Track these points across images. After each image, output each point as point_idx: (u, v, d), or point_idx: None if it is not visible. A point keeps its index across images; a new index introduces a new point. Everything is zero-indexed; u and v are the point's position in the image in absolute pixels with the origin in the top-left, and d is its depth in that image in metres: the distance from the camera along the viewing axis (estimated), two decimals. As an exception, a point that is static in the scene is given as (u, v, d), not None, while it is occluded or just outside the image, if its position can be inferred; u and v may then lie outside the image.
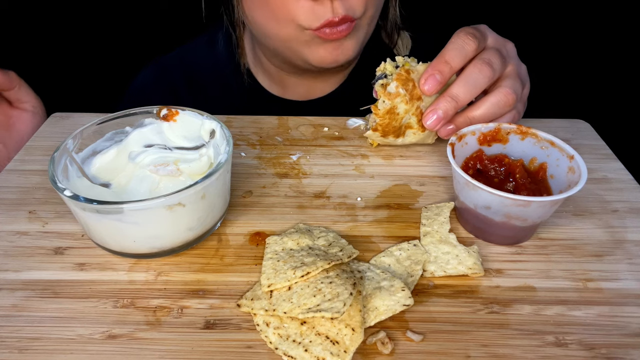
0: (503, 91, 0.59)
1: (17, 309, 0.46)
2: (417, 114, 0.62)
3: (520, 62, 0.65)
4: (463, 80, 0.59)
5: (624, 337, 0.44)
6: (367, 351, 0.43)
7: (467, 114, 0.61)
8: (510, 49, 0.64)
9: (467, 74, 0.59)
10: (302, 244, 0.50)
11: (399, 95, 0.60)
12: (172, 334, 0.44)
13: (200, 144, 0.57)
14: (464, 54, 0.59)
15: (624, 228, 0.56)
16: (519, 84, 0.61)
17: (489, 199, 0.50)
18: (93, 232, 0.50)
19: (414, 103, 0.61)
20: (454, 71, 0.59)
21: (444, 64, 0.59)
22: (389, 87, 0.60)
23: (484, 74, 0.58)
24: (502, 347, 0.43)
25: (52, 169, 0.49)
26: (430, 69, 0.59)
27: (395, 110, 0.61)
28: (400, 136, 0.64)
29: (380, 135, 0.63)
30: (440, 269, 0.50)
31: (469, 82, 0.59)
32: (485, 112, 0.60)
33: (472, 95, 0.59)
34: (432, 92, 0.59)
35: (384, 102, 0.60)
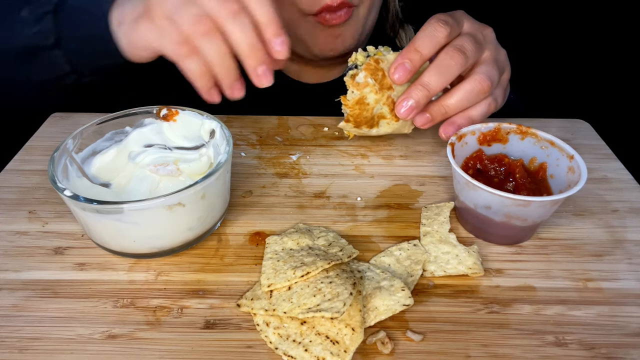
0: (477, 78, 0.58)
1: (17, 309, 0.46)
2: (389, 103, 0.61)
3: (499, 47, 0.63)
4: (434, 68, 0.58)
5: (624, 337, 0.44)
6: (367, 351, 0.43)
7: (442, 102, 0.60)
8: (488, 35, 0.62)
9: (438, 61, 0.58)
10: (302, 244, 0.50)
11: (368, 85, 0.59)
12: (172, 334, 0.44)
13: (200, 143, 0.57)
14: (435, 41, 0.57)
15: (624, 228, 0.56)
16: (496, 70, 0.60)
17: (489, 198, 0.50)
18: (93, 232, 0.50)
19: (384, 93, 0.60)
20: (424, 59, 0.58)
21: (414, 52, 0.58)
22: (357, 77, 0.59)
23: (456, 60, 0.57)
24: (502, 347, 0.43)
25: (52, 169, 0.49)
26: (400, 58, 0.58)
27: (364, 101, 0.60)
28: (374, 126, 0.63)
29: (353, 126, 0.63)
30: (440, 268, 0.50)
31: (440, 70, 0.57)
32: (459, 99, 0.59)
33: (444, 82, 0.58)
34: (402, 81, 0.58)
35: (353, 92, 0.60)
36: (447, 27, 0.57)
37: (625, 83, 1.17)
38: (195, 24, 0.50)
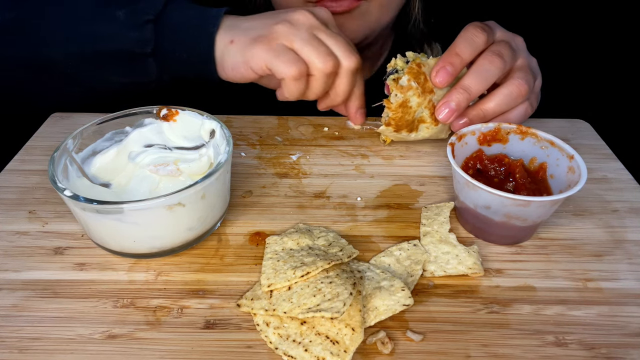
0: (515, 82, 0.60)
1: (17, 309, 0.46)
2: (430, 107, 0.62)
3: (530, 55, 0.65)
4: (474, 72, 0.59)
5: (624, 337, 0.44)
6: (367, 351, 0.43)
7: (480, 106, 0.61)
8: (520, 43, 0.64)
9: (478, 65, 0.59)
10: (302, 244, 0.50)
11: (411, 88, 0.60)
12: (172, 334, 0.44)
13: (200, 144, 0.57)
14: (474, 46, 0.59)
15: (624, 228, 0.56)
16: (531, 75, 0.61)
17: (488, 198, 0.50)
18: (93, 232, 0.50)
19: (426, 96, 0.61)
20: (464, 63, 0.60)
21: (455, 56, 0.59)
22: (401, 81, 0.60)
23: (495, 65, 0.59)
24: (502, 347, 0.43)
25: (52, 169, 0.49)
26: (441, 62, 0.60)
27: (407, 104, 0.61)
28: (413, 131, 0.64)
29: (393, 130, 0.63)
30: (440, 268, 0.50)
31: (480, 74, 0.59)
32: (498, 103, 0.60)
33: (484, 86, 0.59)
34: (444, 84, 0.60)
35: (397, 95, 0.60)
36: (485, 33, 0.60)
37: (625, 83, 1.17)
38: (326, 59, 0.59)
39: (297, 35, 0.58)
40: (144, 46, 0.62)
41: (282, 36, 0.59)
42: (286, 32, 0.59)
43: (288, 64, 0.58)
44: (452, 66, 0.59)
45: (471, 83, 0.59)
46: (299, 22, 0.60)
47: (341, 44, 0.60)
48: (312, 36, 0.59)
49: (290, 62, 0.58)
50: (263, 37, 0.59)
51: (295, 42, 0.58)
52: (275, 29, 0.59)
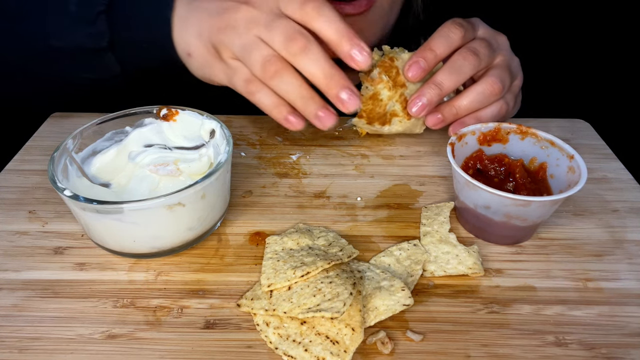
0: (489, 80, 0.59)
1: (17, 309, 0.46)
2: (402, 101, 0.62)
3: (512, 54, 0.64)
4: (448, 68, 0.59)
5: (624, 337, 0.44)
6: (367, 351, 0.43)
7: (453, 103, 0.61)
8: (502, 42, 0.64)
9: (452, 62, 0.59)
10: (302, 244, 0.50)
11: (382, 81, 0.60)
12: (172, 333, 0.44)
13: (200, 143, 0.57)
14: (449, 42, 0.59)
15: (624, 228, 0.56)
16: (508, 74, 0.61)
17: (488, 198, 0.50)
18: (93, 232, 0.50)
19: (398, 90, 0.61)
20: (438, 59, 0.59)
21: (429, 51, 0.59)
22: (372, 73, 0.60)
23: (469, 61, 0.58)
24: (502, 347, 0.43)
25: (52, 168, 0.49)
26: (415, 56, 0.59)
27: (378, 97, 0.61)
28: (386, 124, 0.64)
29: (365, 122, 0.63)
30: (440, 268, 0.50)
31: (453, 70, 0.58)
32: (471, 100, 0.60)
33: (457, 83, 0.59)
34: (416, 79, 0.59)
35: (367, 87, 0.61)
36: (462, 29, 0.59)
37: (625, 83, 1.17)
38: (266, 65, 0.52)
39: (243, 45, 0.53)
40: (100, 41, 0.59)
41: (227, 50, 0.55)
42: (234, 43, 0.54)
43: (245, 82, 0.55)
44: (425, 61, 0.58)
45: (443, 79, 0.59)
46: (243, 19, 0.53)
47: (281, 31, 0.51)
48: (254, 41, 0.53)
49: (248, 80, 0.54)
50: (213, 53, 0.56)
51: (242, 56, 0.54)
52: (223, 37, 0.54)
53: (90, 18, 0.58)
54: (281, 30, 0.51)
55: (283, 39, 0.51)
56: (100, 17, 0.58)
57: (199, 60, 0.58)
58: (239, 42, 0.53)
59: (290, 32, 0.51)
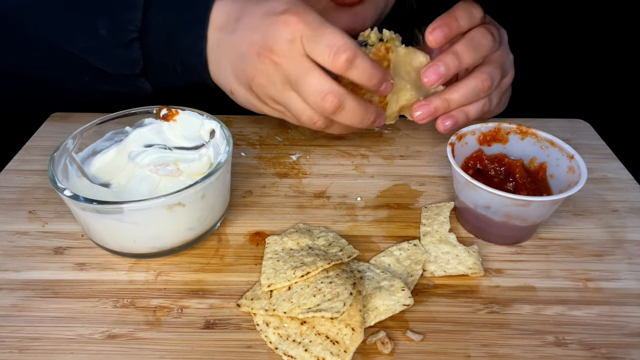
0: (481, 76, 0.58)
1: (17, 309, 0.46)
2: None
3: (509, 51, 0.64)
4: (468, 42, 0.57)
5: (624, 337, 0.44)
6: (367, 351, 0.43)
7: (445, 96, 0.59)
8: (503, 35, 0.63)
9: (471, 37, 0.58)
10: (302, 244, 0.50)
11: None
12: (172, 333, 0.44)
13: (200, 143, 0.57)
14: (471, 17, 0.58)
15: (624, 228, 0.56)
16: (499, 72, 0.60)
17: (488, 198, 0.50)
18: (93, 232, 0.50)
19: None
20: (460, 30, 0.57)
21: (453, 19, 0.57)
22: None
23: (488, 41, 0.57)
24: (502, 347, 0.43)
25: (52, 169, 0.49)
26: (439, 21, 0.56)
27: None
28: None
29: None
30: (440, 268, 0.50)
31: (473, 45, 0.57)
32: (463, 94, 0.59)
33: (474, 59, 0.58)
34: (437, 44, 0.57)
35: None
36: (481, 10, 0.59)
37: (625, 83, 1.17)
38: (313, 119, 0.54)
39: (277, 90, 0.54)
40: (133, 67, 0.59)
41: (263, 90, 0.55)
42: (273, 97, 0.54)
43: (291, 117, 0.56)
44: (449, 28, 0.56)
45: (463, 50, 0.57)
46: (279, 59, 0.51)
47: (312, 92, 0.51)
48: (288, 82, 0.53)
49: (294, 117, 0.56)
50: (249, 88, 0.56)
51: (280, 100, 0.54)
52: (259, 91, 0.55)
53: (123, 44, 0.57)
54: (311, 91, 0.51)
55: (315, 99, 0.52)
56: (133, 44, 0.57)
57: (243, 98, 0.58)
58: (278, 97, 0.54)
59: (320, 93, 0.51)
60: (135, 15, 0.56)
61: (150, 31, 0.57)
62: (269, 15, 0.52)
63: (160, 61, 0.59)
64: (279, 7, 0.51)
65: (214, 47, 0.56)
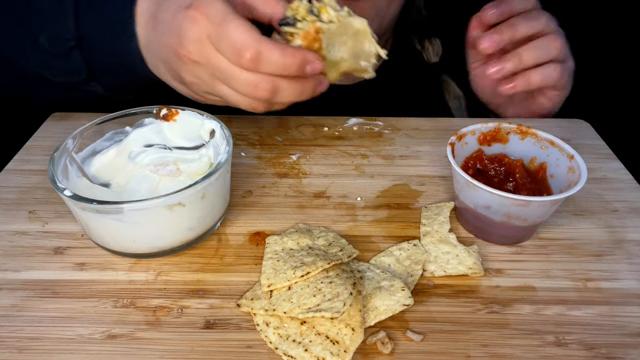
0: (551, 37, 0.63)
1: (17, 308, 0.46)
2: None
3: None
4: (525, 15, 0.64)
5: (624, 337, 0.44)
6: (367, 351, 0.43)
7: (517, 50, 0.64)
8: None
9: (539, 41, 0.64)
10: (302, 244, 0.50)
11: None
12: (172, 333, 0.44)
13: (200, 143, 0.57)
14: (525, 3, 0.65)
15: (623, 228, 0.56)
16: (563, 42, 0.65)
17: (489, 198, 0.50)
18: (93, 232, 0.50)
19: None
20: (514, 40, 0.63)
21: (512, 29, 0.63)
22: (293, 43, 0.51)
23: (543, 18, 0.64)
24: (502, 347, 0.43)
25: (52, 169, 0.49)
26: (497, 35, 0.63)
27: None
28: None
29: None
30: (440, 268, 0.50)
31: (528, 17, 0.64)
32: (535, 47, 0.63)
33: (528, 30, 0.63)
34: (489, 50, 0.64)
35: (277, 38, 0.53)
36: (544, 16, 0.65)
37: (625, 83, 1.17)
38: (252, 104, 0.51)
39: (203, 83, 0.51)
40: (79, 74, 0.59)
41: (189, 76, 0.52)
42: (207, 93, 0.53)
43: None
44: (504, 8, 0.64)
45: (528, 56, 0.63)
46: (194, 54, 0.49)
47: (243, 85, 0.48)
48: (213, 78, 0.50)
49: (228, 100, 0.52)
50: (178, 78, 0.53)
51: (207, 90, 0.52)
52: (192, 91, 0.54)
53: (64, 54, 0.58)
54: (241, 84, 0.48)
55: (248, 91, 0.48)
56: (73, 52, 0.57)
57: (184, 93, 0.56)
58: (213, 92, 0.52)
59: (250, 85, 0.48)
60: (68, 25, 0.57)
61: (85, 37, 0.57)
62: (179, 10, 0.49)
63: (103, 64, 0.59)
64: (186, 1, 0.48)
65: (144, 45, 0.55)
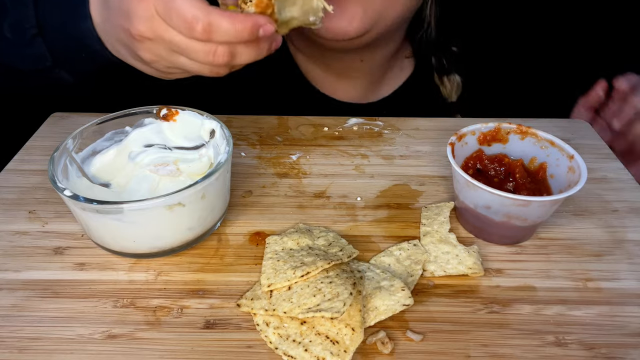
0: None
1: (17, 308, 0.46)
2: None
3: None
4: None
5: (624, 337, 0.44)
6: (367, 351, 0.43)
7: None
8: None
9: None
10: (302, 244, 0.50)
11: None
12: (172, 333, 0.44)
13: (200, 143, 0.57)
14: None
15: (623, 228, 0.56)
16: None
17: (489, 198, 0.50)
18: (93, 232, 0.50)
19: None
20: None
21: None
22: (247, 10, 0.50)
23: None
24: (502, 347, 0.43)
25: (52, 169, 0.49)
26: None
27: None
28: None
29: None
30: (440, 268, 0.50)
31: None
32: None
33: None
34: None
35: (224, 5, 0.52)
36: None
37: (625, 83, 1.17)
38: (213, 70, 0.49)
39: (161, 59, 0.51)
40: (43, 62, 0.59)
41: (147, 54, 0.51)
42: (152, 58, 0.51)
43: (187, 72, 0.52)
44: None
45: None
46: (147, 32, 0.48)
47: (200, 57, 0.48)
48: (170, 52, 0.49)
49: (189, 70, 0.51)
50: (133, 55, 0.52)
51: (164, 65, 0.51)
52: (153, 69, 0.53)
53: (26, 42, 0.57)
54: (199, 54, 0.48)
55: (206, 59, 0.48)
56: (36, 40, 0.57)
57: (148, 72, 0.55)
58: (173, 65, 0.51)
59: (207, 53, 0.47)
60: (28, 13, 0.57)
61: (46, 24, 0.57)
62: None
63: (65, 50, 0.58)
64: None
65: (100, 27, 0.55)
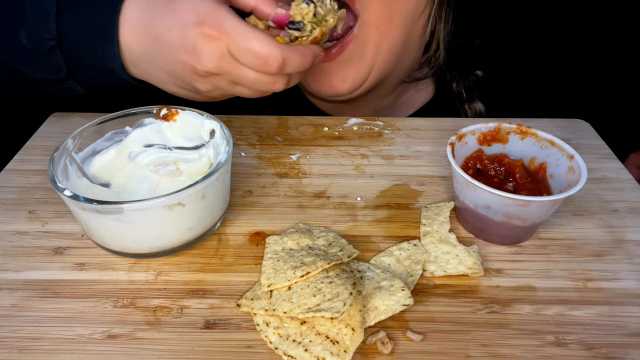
0: None
1: (17, 308, 0.46)
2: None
3: None
4: None
5: (624, 336, 0.44)
6: (367, 351, 0.43)
7: None
8: None
9: None
10: (302, 244, 0.50)
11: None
12: (172, 333, 0.44)
13: (200, 143, 0.57)
14: None
15: (623, 228, 0.56)
16: None
17: (489, 198, 0.50)
18: (93, 232, 0.50)
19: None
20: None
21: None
22: (304, 42, 0.54)
23: None
24: (502, 347, 0.43)
25: (52, 169, 0.49)
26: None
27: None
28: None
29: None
30: (440, 268, 0.50)
31: None
32: None
33: None
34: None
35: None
36: None
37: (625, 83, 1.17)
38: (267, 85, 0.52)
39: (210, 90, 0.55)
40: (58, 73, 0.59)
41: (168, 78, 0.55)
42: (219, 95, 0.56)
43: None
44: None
45: None
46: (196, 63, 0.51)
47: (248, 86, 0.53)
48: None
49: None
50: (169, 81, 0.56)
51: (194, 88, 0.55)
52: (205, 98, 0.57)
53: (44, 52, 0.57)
54: (264, 85, 0.52)
55: (265, 88, 0.53)
56: (53, 51, 0.57)
57: (187, 97, 0.58)
58: (228, 94, 0.56)
59: (272, 83, 0.52)
60: (49, 24, 0.56)
61: (66, 38, 0.57)
62: (186, 29, 0.50)
63: (82, 65, 0.59)
64: (192, 18, 0.50)
65: (137, 55, 0.56)
